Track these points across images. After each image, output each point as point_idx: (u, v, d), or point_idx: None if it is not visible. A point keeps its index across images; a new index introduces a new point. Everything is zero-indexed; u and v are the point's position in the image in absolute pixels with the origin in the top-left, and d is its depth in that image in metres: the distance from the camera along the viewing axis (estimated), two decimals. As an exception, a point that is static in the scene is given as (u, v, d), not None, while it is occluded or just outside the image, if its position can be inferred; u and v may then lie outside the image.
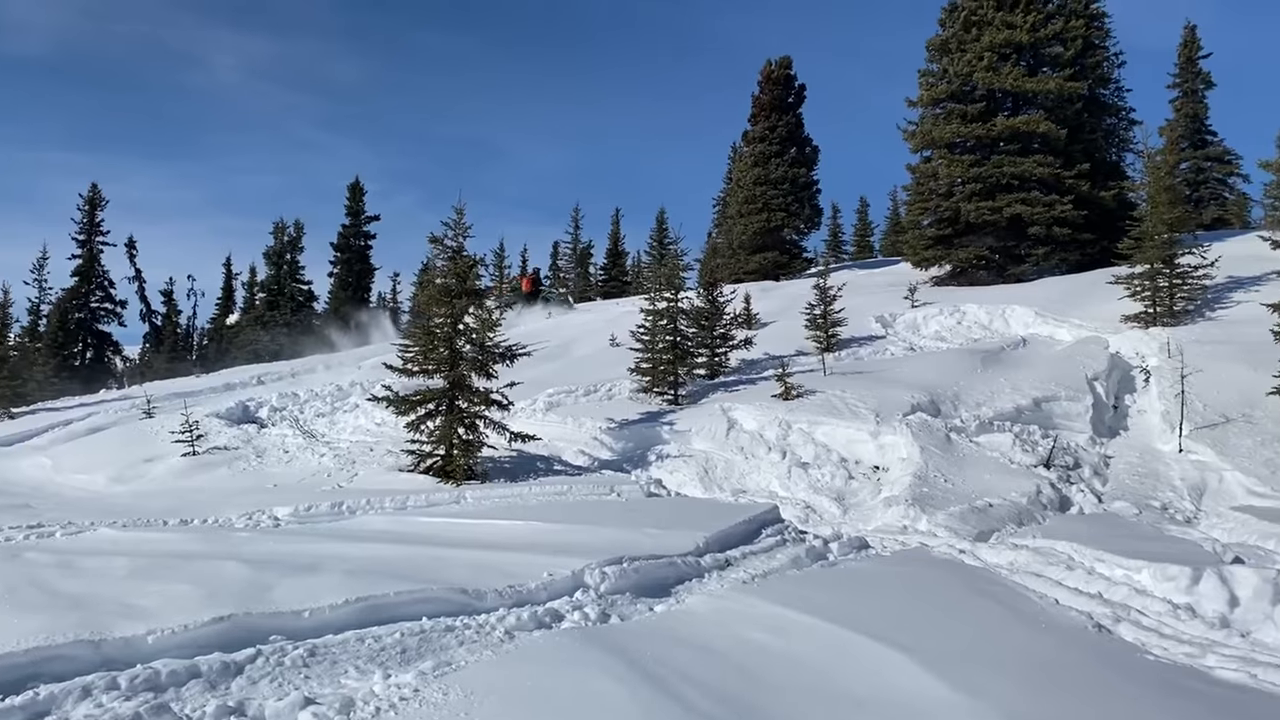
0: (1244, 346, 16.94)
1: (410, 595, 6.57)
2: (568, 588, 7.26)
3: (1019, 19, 30.03)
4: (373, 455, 14.51)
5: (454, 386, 13.18)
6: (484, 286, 14.30)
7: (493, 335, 13.61)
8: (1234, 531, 10.72)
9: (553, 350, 24.08)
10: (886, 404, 15.30)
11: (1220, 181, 41.62)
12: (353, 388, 20.46)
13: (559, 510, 10.52)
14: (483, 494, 11.60)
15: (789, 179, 38.87)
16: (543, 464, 13.99)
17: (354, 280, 52.30)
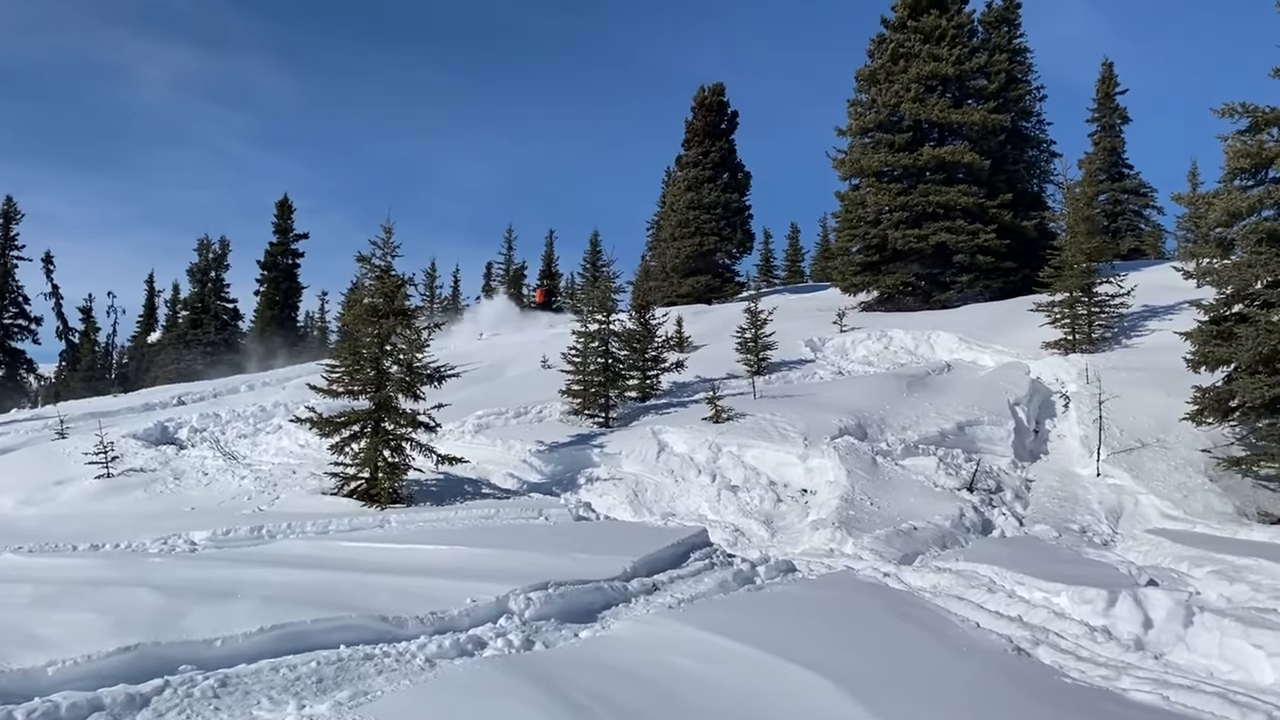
0: (1159, 373, 17.48)
1: (329, 623, 6.41)
2: (492, 614, 7.14)
3: (945, 52, 30.78)
4: (295, 478, 14.19)
5: (380, 408, 12.96)
6: (413, 306, 14.09)
7: (421, 356, 13.43)
8: (1149, 554, 11.00)
9: (484, 371, 23.87)
10: (815, 427, 15.44)
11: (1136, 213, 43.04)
12: (276, 408, 20.04)
13: (485, 534, 10.38)
14: (408, 518, 11.40)
15: (721, 204, 39.25)
16: (470, 487, 13.81)
17: (281, 299, 51.36)
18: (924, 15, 31.59)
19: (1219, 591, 8.72)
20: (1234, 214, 14.84)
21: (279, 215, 51.85)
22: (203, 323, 49.65)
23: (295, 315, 54.50)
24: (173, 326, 53.42)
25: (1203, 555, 10.09)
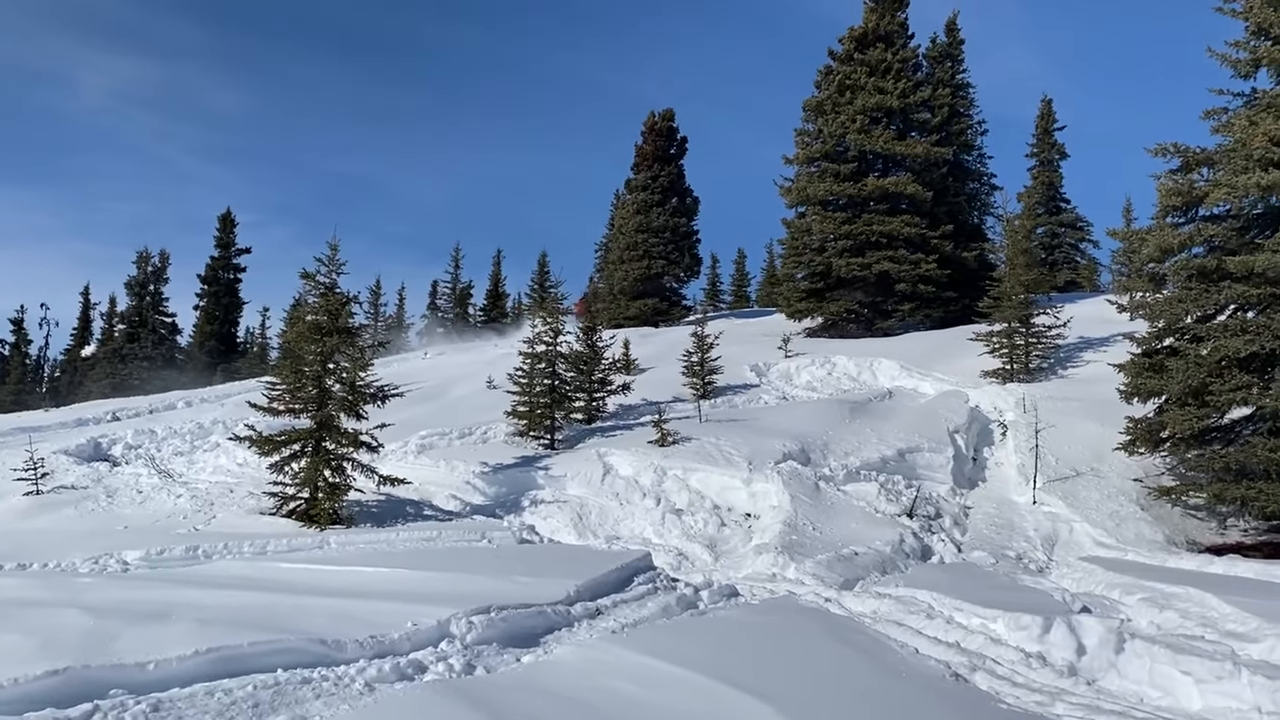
0: (1093, 403, 17.90)
1: (266, 645, 6.29)
2: (433, 638, 7.06)
3: (890, 85, 31.40)
4: (233, 497, 13.93)
5: (321, 427, 12.80)
6: (357, 324, 13.95)
7: (364, 375, 13.30)
8: (1082, 581, 11.22)
9: (428, 391, 23.67)
10: (759, 452, 15.55)
11: (1073, 246, 44.14)
12: (214, 426, 19.68)
13: (427, 557, 10.28)
14: (348, 539, 11.25)
15: (670, 228, 39.51)
16: (412, 508, 13.67)
17: (221, 314, 50.49)
18: (870, 49, 32.24)
19: (1149, 619, 8.93)
20: (1166, 250, 15.30)
21: (221, 229, 51.08)
22: (140, 337, 48.61)
23: (236, 331, 53.59)
24: (108, 340, 52.17)
25: (1134, 583, 10.32)
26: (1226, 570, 11.45)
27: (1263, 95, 15.14)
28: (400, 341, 54.93)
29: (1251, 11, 15.15)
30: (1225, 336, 14.09)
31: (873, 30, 32.60)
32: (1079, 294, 36.31)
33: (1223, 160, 15.02)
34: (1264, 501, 13.34)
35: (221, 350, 49.32)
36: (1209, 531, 14.52)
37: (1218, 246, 15.07)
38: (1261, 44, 15.10)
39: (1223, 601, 8.76)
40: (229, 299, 51.18)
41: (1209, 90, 15.83)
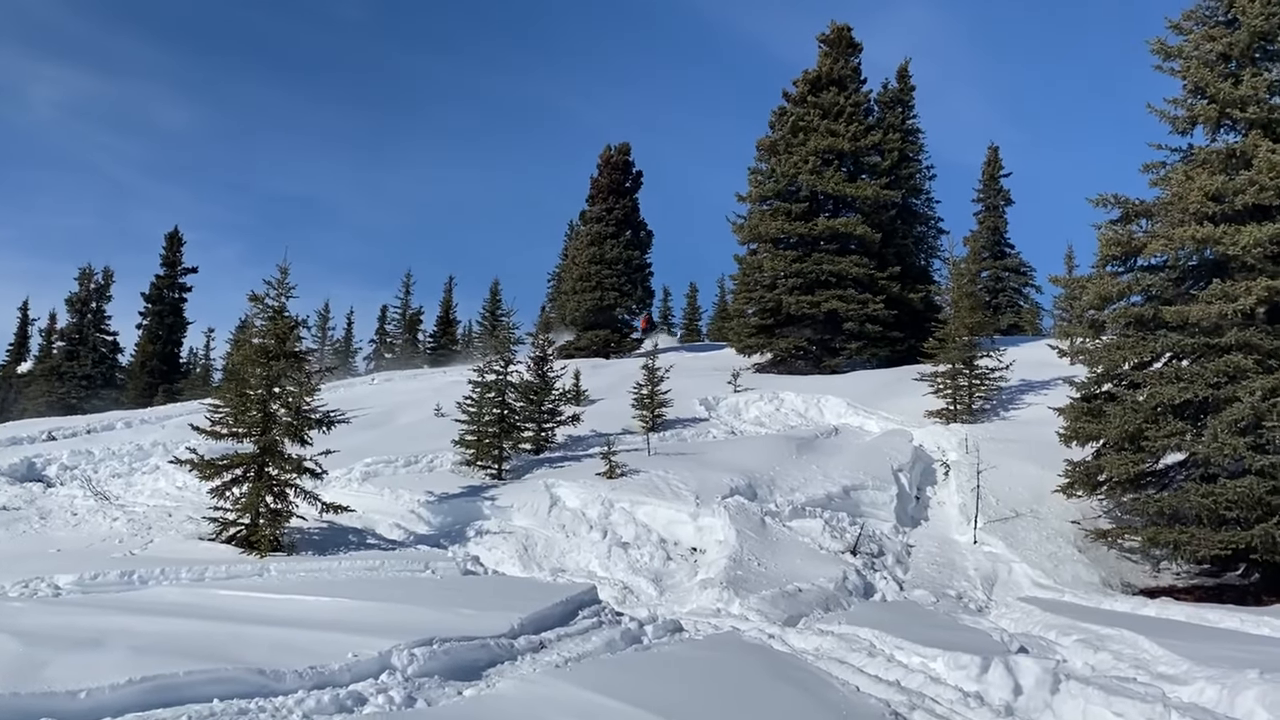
0: (1033, 445, 18.25)
1: (202, 675, 6.16)
2: (373, 669, 6.96)
3: (842, 128, 32.02)
4: (171, 521, 13.66)
5: (265, 452, 12.61)
6: (304, 349, 13.81)
7: (310, 400, 13.15)
8: (1020, 621, 11.40)
9: (374, 417, 23.44)
10: (707, 486, 15.61)
11: (1016, 291, 45.19)
12: (154, 448, 19.30)
13: (369, 587, 10.15)
14: (288, 567, 11.06)
15: (623, 260, 39.72)
16: (355, 537, 13.49)
17: (165, 334, 49.59)
18: (824, 92, 32.89)
19: (1084, 660, 9.09)
20: (1105, 298, 15.74)
21: (168, 247, 50.33)
22: (79, 355, 47.52)
23: (179, 352, 52.66)
24: (46, 357, 50.86)
25: (1070, 624, 10.52)
26: (1159, 613, 11.72)
27: (1199, 151, 15.70)
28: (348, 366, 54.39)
29: (1189, 71, 15.74)
30: (1160, 384, 14.49)
31: (826, 74, 33.28)
32: (1022, 337, 37.09)
33: (1160, 213, 15.54)
34: (1195, 546, 13.68)
35: (164, 371, 48.40)
36: (1143, 574, 14.85)
37: (1155, 296, 15.54)
38: (1198, 102, 15.68)
39: (1155, 644, 8.95)
40: (173, 318, 50.33)
41: (1148, 145, 16.42)
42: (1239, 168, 14.91)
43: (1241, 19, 15.35)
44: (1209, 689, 7.40)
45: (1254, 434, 13.41)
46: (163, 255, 50.33)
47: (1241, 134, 15.36)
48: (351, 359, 58.10)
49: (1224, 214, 14.62)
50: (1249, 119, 15.06)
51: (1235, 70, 15.58)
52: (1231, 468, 13.80)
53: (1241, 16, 15.34)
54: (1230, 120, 15.46)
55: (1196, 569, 14.93)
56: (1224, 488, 13.33)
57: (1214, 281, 14.55)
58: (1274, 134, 14.96)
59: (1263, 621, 10.81)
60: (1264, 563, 13.91)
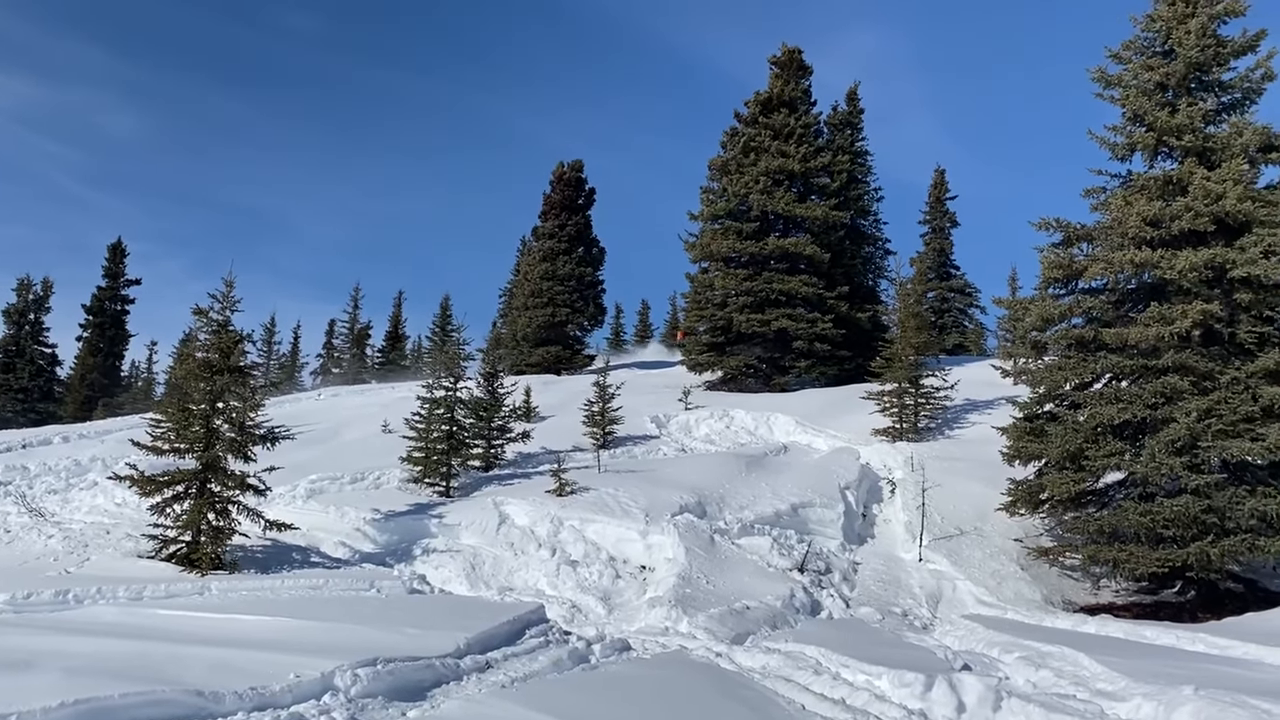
0: (978, 464, 18.52)
1: (139, 697, 6.02)
2: (316, 690, 6.86)
3: (792, 149, 32.39)
4: (109, 539, 13.34)
5: (207, 468, 12.40)
6: (249, 363, 13.60)
7: (254, 416, 12.96)
8: (964, 639, 11.53)
9: (321, 433, 23.14)
10: (656, 504, 15.62)
11: (961, 311, 45.96)
12: (93, 463, 18.88)
13: (313, 606, 10.00)
14: (230, 585, 10.86)
15: (575, 276, 39.72)
16: (299, 555, 13.30)
17: (106, 346, 48.56)
18: (775, 113, 33.25)
19: (1026, 677, 9.21)
20: (1047, 320, 16.05)
21: (110, 258, 49.40)
22: (16, 367, 46.27)
23: (120, 365, 51.58)
24: (-21, 369, 49.58)
25: (1013, 641, 10.66)
26: (1099, 630, 11.93)
27: (1137, 178, 16.12)
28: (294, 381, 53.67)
29: (1128, 99, 16.18)
30: (1100, 404, 14.81)
31: (777, 95, 33.65)
32: (966, 357, 37.67)
33: (1101, 237, 15.91)
34: (1134, 564, 13.96)
35: (104, 384, 47.37)
36: (1084, 591, 15.12)
37: (1095, 318, 15.89)
38: (1137, 130, 16.11)
39: (1094, 661, 9.10)
40: (115, 331, 49.33)
41: (1089, 170, 16.82)
42: (1176, 194, 15.33)
43: (1178, 50, 15.81)
44: (1145, 705, 7.54)
45: (1190, 454, 13.73)
46: (105, 266, 49.40)
47: (1178, 161, 15.79)
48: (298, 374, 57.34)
49: (1161, 239, 15.00)
50: (1185, 147, 15.50)
51: (1172, 99, 16.04)
52: (1168, 487, 14.12)
53: (1178, 48, 15.81)
54: (1167, 147, 15.89)
55: (1135, 586, 15.23)
56: (1161, 506, 13.63)
57: (1152, 305, 14.92)
58: (1209, 162, 15.40)
59: (1198, 638, 11.04)
60: (1199, 580, 14.23)
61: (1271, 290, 14.31)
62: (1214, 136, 15.55)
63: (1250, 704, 7.00)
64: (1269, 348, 14.11)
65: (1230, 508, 13.37)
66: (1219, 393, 13.96)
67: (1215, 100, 16.11)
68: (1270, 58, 15.67)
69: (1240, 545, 13.26)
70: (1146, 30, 16.52)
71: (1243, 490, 13.58)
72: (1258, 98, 16.07)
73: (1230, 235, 14.76)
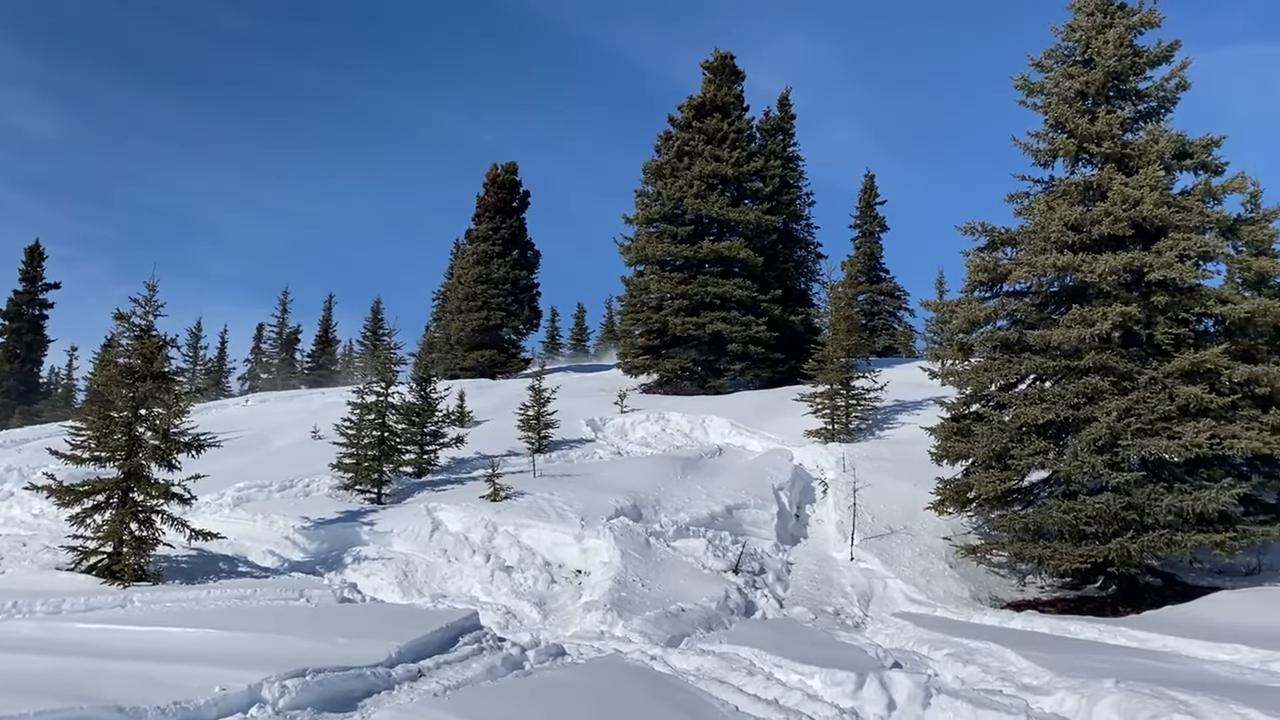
0: (907, 464, 18.82)
1: (55, 715, 5.83)
2: (242, 703, 6.71)
3: (726, 154, 32.63)
4: (26, 550, 12.94)
5: (130, 477, 12.08)
6: (174, 369, 13.29)
7: (179, 422, 12.65)
8: (895, 637, 11.71)
9: (248, 440, 22.70)
10: (592, 508, 15.60)
11: (891, 314, 46.63)
12: (9, 473, 18.29)
13: (240, 617, 9.79)
14: (154, 597, 10.58)
15: (510, 280, 39.46)
16: (226, 564, 13.02)
17: (23, 352, 46.97)
18: (708, 118, 33.47)
19: (955, 673, 9.39)
20: (973, 322, 16.38)
21: (28, 262, 47.85)
22: (-74, 374, 44.61)
23: (39, 371, 49.96)
24: (-112, 376, 47.63)
25: (942, 639, 10.85)
26: (1025, 625, 12.21)
27: (1059, 183, 16.53)
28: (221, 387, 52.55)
29: (1050, 107, 16.59)
30: (1025, 404, 15.15)
31: (710, 100, 33.87)
32: (896, 359, 38.28)
33: (1024, 241, 16.28)
34: (1058, 560, 14.31)
35: (21, 391, 45.80)
36: (1010, 588, 15.45)
37: (1019, 320, 16.25)
38: (1058, 137, 16.52)
39: (1020, 656, 9.30)
40: (32, 336, 47.76)
41: (1013, 175, 17.20)
42: (1096, 199, 15.75)
43: (1097, 59, 16.26)
44: (1069, 699, 7.73)
45: (1110, 452, 14.12)
46: (22, 270, 47.84)
47: (1098, 167, 16.22)
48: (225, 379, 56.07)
49: (1082, 243, 15.40)
50: (1104, 153, 15.94)
51: (1092, 107, 16.49)
52: (1090, 485, 14.50)
53: (1097, 57, 16.26)
54: (1088, 154, 16.33)
55: (1059, 582, 15.61)
56: (1084, 504, 13.99)
57: (1073, 307, 15.32)
58: (1127, 168, 15.85)
59: (1119, 631, 11.36)
60: (1120, 575, 14.65)
61: (1186, 293, 14.78)
62: (1132, 143, 16.01)
63: (1168, 695, 7.20)
64: (1184, 348, 14.56)
65: (1149, 504, 13.77)
66: (1138, 392, 14.38)
67: (1133, 108, 16.59)
68: (1184, 67, 16.20)
69: (1159, 540, 13.67)
70: (1067, 39, 16.96)
71: (1160, 487, 13.99)
72: (1172, 106, 16.58)
73: (1148, 239, 15.21)
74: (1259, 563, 15.49)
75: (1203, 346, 14.48)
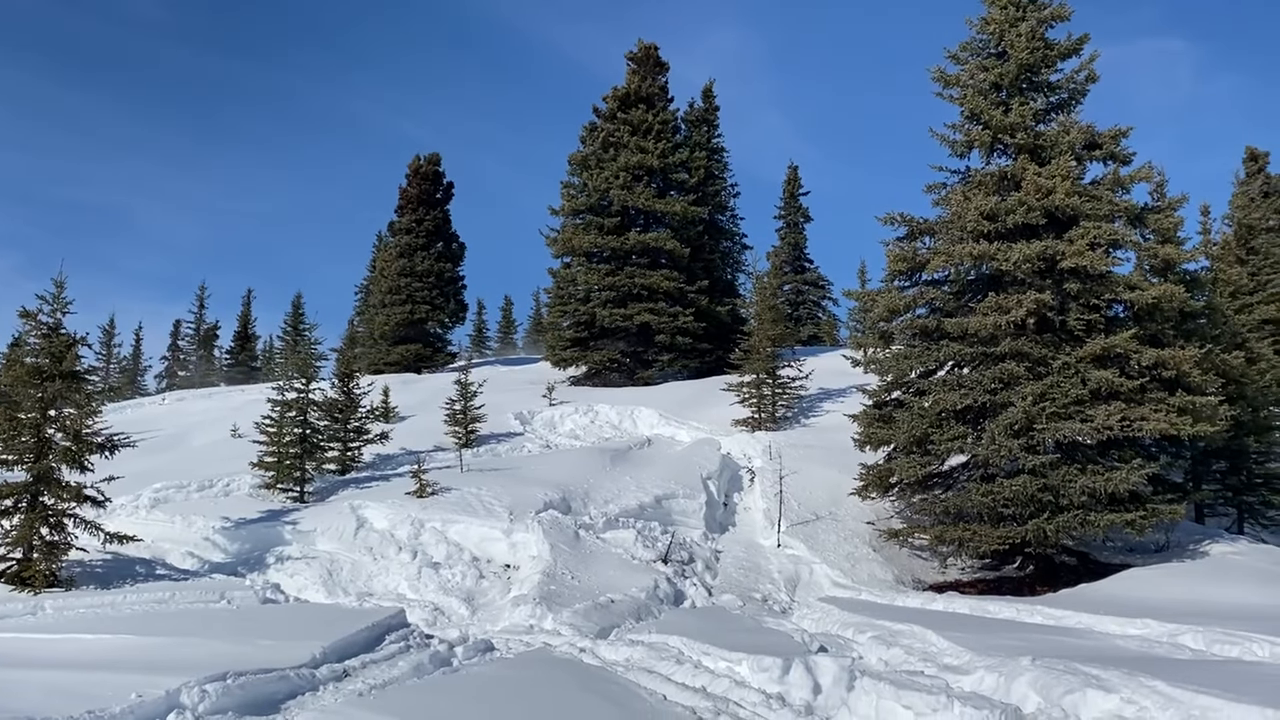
0: (832, 451, 19.12)
1: (-41, 730, 5.64)
2: (160, 710, 6.56)
3: (651, 145, 32.68)
4: (-73, 560, 12.39)
5: (39, 480, 11.68)
6: (85, 368, 12.87)
7: (91, 423, 12.26)
8: (820, 621, 11.90)
9: (166, 440, 22.13)
10: (521, 502, 15.53)
11: (816, 303, 47.26)
12: (-92, 479, 17.48)
13: (158, 621, 9.55)
14: (66, 604, 10.27)
15: (435, 272, 38.98)
16: (144, 568, 12.67)
17: (-78, 351, 45.06)
18: (633, 109, 33.47)
19: (879, 655, 9.58)
20: (894, 310, 16.68)
21: (-74, 257, 45.89)
22: None
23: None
24: None
25: (866, 622, 11.06)
26: (946, 607, 12.50)
27: (975, 174, 16.90)
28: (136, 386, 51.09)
29: (965, 99, 16.94)
30: (944, 390, 15.49)
31: (635, 91, 33.86)
32: (821, 348, 38.80)
33: (942, 231, 16.62)
34: (977, 542, 14.68)
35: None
36: (932, 570, 15.80)
37: (938, 309, 16.60)
38: (974, 128, 16.88)
39: (941, 637, 9.53)
40: (-68, 335, 45.87)
41: (931, 166, 17.53)
42: (1010, 189, 16.14)
43: (1010, 52, 16.65)
44: (988, 677, 7.94)
45: (1026, 436, 14.51)
46: (-80, 266, 45.86)
47: (1012, 158, 16.63)
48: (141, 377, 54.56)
49: (998, 232, 15.78)
50: (1018, 144, 16.34)
51: (1006, 99, 16.88)
52: (1008, 468, 14.89)
53: (1010, 50, 16.65)
54: (1002, 145, 16.72)
55: (979, 563, 16.02)
56: (1001, 486, 14.37)
57: (990, 295, 15.70)
58: (1040, 158, 16.27)
59: (1036, 610, 11.71)
60: (1037, 555, 15.09)
61: (1097, 280, 15.23)
62: (1044, 134, 16.44)
63: (1081, 670, 7.45)
64: (1096, 334, 15.02)
65: (1064, 486, 14.19)
66: (1052, 377, 14.79)
67: (1045, 100, 17.03)
68: (1092, 60, 16.68)
69: (1073, 521, 14.11)
70: (981, 32, 17.33)
71: (1074, 469, 14.42)
72: (1082, 98, 17.06)
73: (1060, 228, 15.64)
74: (1167, 540, 16.08)
75: (1113, 332, 14.95)
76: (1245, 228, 27.22)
